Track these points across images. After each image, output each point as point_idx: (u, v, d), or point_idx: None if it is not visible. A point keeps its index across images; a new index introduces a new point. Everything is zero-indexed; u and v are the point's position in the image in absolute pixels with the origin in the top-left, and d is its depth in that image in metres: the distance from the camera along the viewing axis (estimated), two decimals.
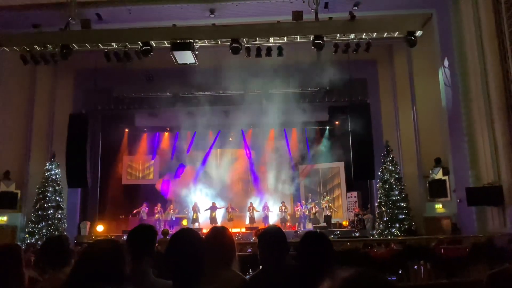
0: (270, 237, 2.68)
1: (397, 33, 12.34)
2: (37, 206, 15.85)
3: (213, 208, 18.24)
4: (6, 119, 15.97)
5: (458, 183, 14.36)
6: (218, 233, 2.63)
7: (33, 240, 15.21)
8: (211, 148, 20.41)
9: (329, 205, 17.83)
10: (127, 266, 2.07)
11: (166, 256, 2.22)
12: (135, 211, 17.99)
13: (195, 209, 18.19)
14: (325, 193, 19.23)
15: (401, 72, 17.28)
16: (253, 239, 15.18)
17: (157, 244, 2.84)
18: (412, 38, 12.05)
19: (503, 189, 12.49)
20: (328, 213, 17.67)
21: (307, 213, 18.15)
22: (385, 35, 12.46)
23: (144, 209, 17.95)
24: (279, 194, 19.29)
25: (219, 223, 17.82)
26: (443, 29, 14.75)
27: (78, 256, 2.08)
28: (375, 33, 12.29)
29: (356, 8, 13.93)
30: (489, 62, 13.10)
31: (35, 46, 12.64)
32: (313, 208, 17.88)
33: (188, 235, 2.32)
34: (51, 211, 15.86)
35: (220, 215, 18.55)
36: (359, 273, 1.20)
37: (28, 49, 12.69)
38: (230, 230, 2.86)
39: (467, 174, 13.61)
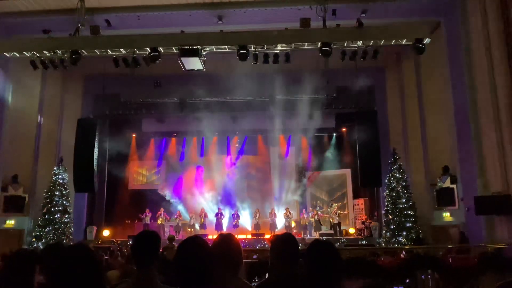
0: (283, 244, 2.67)
1: (405, 40, 12.30)
2: (44, 210, 15.94)
3: (219, 214, 18.19)
4: (15, 123, 16.11)
5: (466, 191, 14.24)
6: (225, 240, 2.62)
7: (39, 244, 15.27)
8: (217, 154, 20.40)
9: (338, 212, 17.71)
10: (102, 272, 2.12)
11: (175, 264, 2.22)
12: (141, 216, 18.03)
13: (202, 215, 18.16)
14: (333, 200, 19.09)
15: (409, 79, 17.23)
16: (268, 245, 15.13)
17: (162, 250, 2.84)
18: (421, 45, 12.01)
19: None
20: (337, 220, 17.55)
21: (308, 221, 18.04)
22: (393, 43, 12.43)
23: (147, 214, 17.97)
24: (285, 201, 19.24)
25: (224, 230, 17.79)
26: (451, 37, 14.70)
27: (54, 263, 2.09)
28: (383, 41, 12.27)
29: (364, 15, 13.94)
30: (498, 70, 13.02)
31: (45, 51, 12.76)
32: (316, 215, 17.79)
33: (197, 243, 2.32)
34: (58, 215, 15.94)
35: (226, 221, 18.50)
36: (367, 285, 1.19)
37: (37, 54, 12.82)
38: (236, 236, 2.85)
39: (475, 182, 13.49)
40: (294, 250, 2.62)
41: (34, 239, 15.63)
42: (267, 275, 7.31)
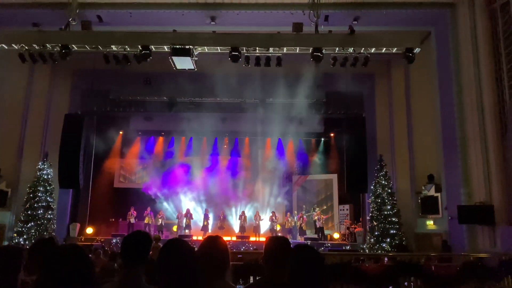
0: (276, 248, 2.66)
1: (395, 49, 12.44)
2: (27, 206, 15.65)
3: (206, 216, 18.13)
4: (1, 116, 15.84)
5: (450, 200, 14.43)
6: (212, 242, 2.60)
7: (20, 240, 15.02)
8: (205, 154, 20.33)
9: (320, 216, 17.80)
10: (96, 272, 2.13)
11: (158, 266, 2.22)
12: (121, 220, 17.95)
13: (187, 215, 18.05)
14: (315, 204, 19.15)
15: (397, 87, 17.41)
16: (253, 248, 15.12)
17: None
18: (411, 54, 12.16)
19: (494, 209, 12.58)
20: (320, 224, 17.64)
21: (293, 224, 18.10)
22: (383, 51, 12.56)
23: (132, 212, 17.82)
24: (271, 204, 19.25)
25: (210, 231, 17.74)
26: (441, 47, 14.92)
27: (45, 261, 2.09)
28: (374, 48, 12.39)
29: (356, 22, 14.09)
30: (485, 81, 13.28)
31: (34, 45, 12.58)
32: (301, 219, 17.84)
33: (179, 246, 2.32)
34: (41, 211, 15.65)
35: (211, 223, 18.44)
36: None
37: (26, 47, 12.63)
38: (223, 238, 2.84)
39: (459, 192, 13.69)
40: (286, 253, 2.61)
41: (15, 235, 15.35)
42: (251, 278, 7.31)
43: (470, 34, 13.68)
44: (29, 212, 15.55)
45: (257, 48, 12.56)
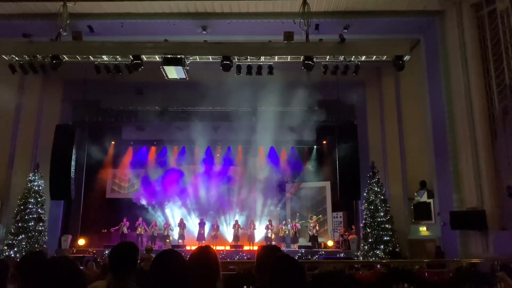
0: (267, 257, 2.58)
1: (385, 57, 12.56)
2: (18, 218, 15.44)
3: (201, 224, 18.01)
4: None
5: (442, 206, 14.51)
6: (203, 253, 2.59)
7: (11, 252, 14.80)
8: (198, 163, 20.27)
9: (316, 224, 17.78)
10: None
11: (150, 278, 2.20)
12: (113, 229, 17.74)
13: (181, 225, 17.94)
14: (313, 212, 19.14)
15: (388, 94, 17.56)
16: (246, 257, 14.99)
17: (139, 261, 2.80)
18: (400, 62, 12.27)
19: (486, 214, 12.65)
20: (314, 232, 17.60)
21: (287, 232, 18.05)
22: (373, 59, 12.66)
23: (125, 223, 17.66)
24: (265, 212, 19.21)
25: (205, 240, 17.61)
26: (430, 54, 15.10)
27: (35, 275, 2.04)
28: (364, 56, 12.50)
29: (346, 31, 14.22)
30: (474, 88, 13.43)
31: (25, 56, 12.52)
32: (294, 227, 17.82)
33: (172, 258, 2.30)
34: (31, 223, 15.46)
35: (206, 232, 18.32)
36: None
37: (17, 58, 12.57)
38: (214, 248, 2.83)
39: (451, 197, 13.77)
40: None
41: (5, 247, 15.13)
42: None
43: (459, 41, 13.87)
44: (19, 224, 15.35)
45: (248, 57, 12.61)
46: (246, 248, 17.33)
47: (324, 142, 20.02)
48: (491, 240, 12.56)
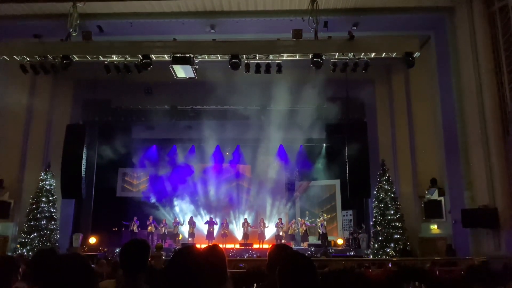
0: (279, 255, 2.55)
1: (395, 54, 12.45)
2: (30, 216, 15.66)
3: (211, 223, 18.08)
4: (3, 127, 15.90)
5: (453, 204, 14.37)
6: (210, 251, 2.59)
7: (24, 250, 15.00)
8: (207, 162, 20.33)
9: (325, 223, 17.73)
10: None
11: (167, 273, 2.18)
12: (124, 223, 17.91)
13: (191, 224, 18.03)
14: (322, 211, 19.09)
15: (398, 92, 17.42)
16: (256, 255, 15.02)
17: (150, 259, 2.81)
18: (410, 59, 12.16)
19: (498, 212, 12.49)
20: (324, 230, 17.55)
21: (296, 230, 18.04)
22: (383, 56, 12.57)
23: (135, 221, 17.79)
24: (275, 211, 19.21)
25: (215, 238, 17.67)
26: (441, 51, 14.94)
27: (47, 271, 2.06)
28: (373, 54, 12.41)
29: (355, 28, 14.12)
30: (485, 85, 13.24)
31: (36, 56, 12.65)
32: (304, 225, 17.79)
33: (192, 253, 2.30)
34: (43, 222, 15.66)
35: (216, 230, 18.38)
36: None
37: (28, 58, 12.71)
38: (223, 246, 2.83)
39: (462, 195, 13.63)
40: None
41: (18, 246, 15.34)
42: (255, 286, 7.26)
43: (470, 37, 13.69)
44: (32, 223, 15.56)
45: (257, 55, 12.60)
46: (255, 246, 17.36)
47: (334, 140, 19.92)
48: (503, 238, 12.41)
